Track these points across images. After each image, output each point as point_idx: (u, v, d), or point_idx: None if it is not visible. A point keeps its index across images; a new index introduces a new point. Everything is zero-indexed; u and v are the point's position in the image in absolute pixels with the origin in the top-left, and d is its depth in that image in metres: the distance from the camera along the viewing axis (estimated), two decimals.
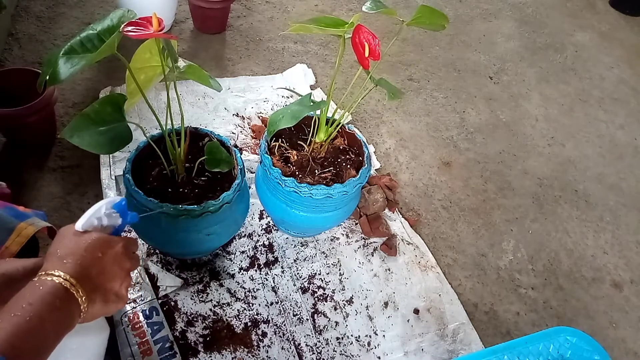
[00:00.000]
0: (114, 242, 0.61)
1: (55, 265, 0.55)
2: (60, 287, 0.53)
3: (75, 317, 0.54)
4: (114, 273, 0.60)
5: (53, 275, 0.53)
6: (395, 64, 2.03)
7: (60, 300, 0.52)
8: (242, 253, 1.28)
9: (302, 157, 1.18)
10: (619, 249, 1.58)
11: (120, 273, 0.61)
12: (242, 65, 1.82)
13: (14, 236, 0.71)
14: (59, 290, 0.53)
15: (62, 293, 0.53)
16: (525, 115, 1.97)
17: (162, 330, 1.09)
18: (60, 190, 1.30)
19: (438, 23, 1.00)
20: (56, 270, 0.54)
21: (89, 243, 0.58)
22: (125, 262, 0.62)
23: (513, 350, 0.96)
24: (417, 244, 1.41)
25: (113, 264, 0.60)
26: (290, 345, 1.15)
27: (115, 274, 0.60)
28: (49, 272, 0.54)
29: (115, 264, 0.60)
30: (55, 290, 0.52)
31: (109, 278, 0.59)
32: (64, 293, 0.53)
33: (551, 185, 1.72)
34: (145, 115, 1.50)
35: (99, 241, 0.59)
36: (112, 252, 0.60)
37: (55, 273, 0.54)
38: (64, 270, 0.54)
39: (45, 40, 1.69)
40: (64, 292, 0.53)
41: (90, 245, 0.58)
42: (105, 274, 0.59)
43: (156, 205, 0.95)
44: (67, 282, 0.53)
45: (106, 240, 0.60)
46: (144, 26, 0.76)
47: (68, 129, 0.80)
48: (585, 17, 2.64)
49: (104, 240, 0.60)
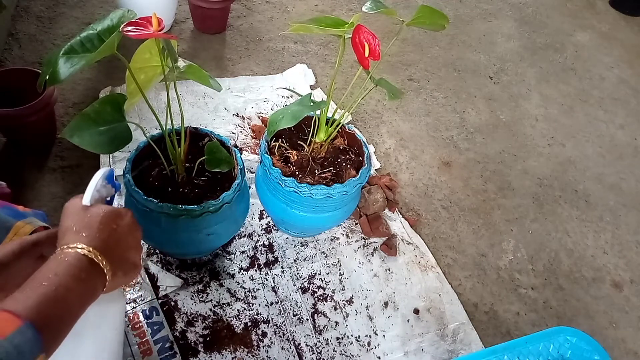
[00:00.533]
0: (124, 212, 0.63)
1: (74, 238, 0.55)
2: (84, 258, 0.54)
3: (99, 287, 0.55)
4: (129, 243, 0.61)
5: (76, 248, 0.54)
6: (395, 64, 2.03)
7: (86, 272, 0.53)
8: (242, 253, 1.28)
9: (302, 157, 1.18)
10: (619, 249, 1.58)
11: (134, 242, 0.62)
12: (242, 65, 1.82)
13: (11, 234, 0.72)
14: (83, 262, 0.53)
15: (87, 264, 0.54)
16: (525, 115, 1.97)
17: (162, 330, 1.09)
18: (60, 190, 1.30)
19: (438, 23, 1.00)
20: (78, 244, 0.54)
21: (102, 216, 0.59)
22: (137, 230, 0.64)
23: (513, 350, 0.96)
24: (417, 244, 1.41)
25: (127, 234, 0.61)
26: (290, 345, 1.15)
27: (130, 243, 0.62)
28: (71, 246, 0.54)
29: (129, 233, 0.62)
30: (80, 262, 0.53)
31: (126, 248, 0.61)
32: (88, 264, 0.54)
33: (551, 185, 1.72)
34: (145, 115, 1.50)
35: (111, 213, 0.60)
36: (124, 223, 0.61)
37: (78, 246, 0.54)
38: (84, 243, 0.55)
39: (45, 40, 1.69)
40: (89, 263, 0.54)
41: (104, 217, 0.59)
42: (122, 244, 0.60)
43: (156, 205, 0.95)
44: (91, 253, 0.54)
45: (117, 212, 0.61)
46: (144, 26, 0.76)
47: (68, 129, 0.80)
48: (585, 17, 2.64)
49: (115, 212, 0.61)
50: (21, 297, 0.48)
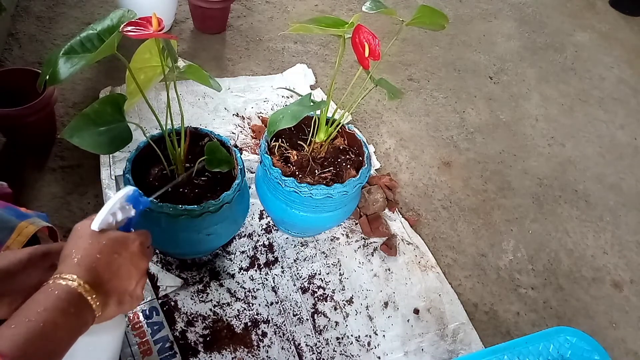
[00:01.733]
0: (130, 240, 0.60)
1: (70, 268, 0.54)
2: (74, 292, 0.52)
3: (88, 321, 0.54)
4: (129, 274, 0.59)
5: (68, 280, 0.53)
6: (395, 64, 2.03)
7: (75, 307, 0.52)
8: (242, 253, 1.28)
9: (302, 157, 1.18)
10: (619, 249, 1.58)
11: (135, 273, 0.60)
12: (242, 65, 1.82)
13: (14, 235, 0.71)
14: (73, 296, 0.52)
15: (76, 299, 0.53)
16: (525, 115, 1.97)
17: (162, 330, 1.09)
18: (60, 190, 1.30)
19: (438, 23, 1.00)
20: (71, 275, 0.53)
21: (104, 244, 0.57)
22: (141, 260, 0.61)
23: (513, 350, 0.96)
24: (417, 244, 1.41)
25: (129, 264, 0.59)
26: (290, 345, 1.15)
27: (131, 274, 0.60)
28: (63, 276, 0.53)
29: (132, 264, 0.60)
30: (69, 295, 0.52)
31: (125, 279, 0.59)
32: (78, 298, 0.53)
33: (551, 185, 1.72)
34: (145, 115, 1.50)
35: (115, 241, 0.59)
36: (128, 252, 0.59)
37: (70, 278, 0.53)
38: (79, 275, 0.54)
39: (45, 40, 1.68)
40: (78, 297, 0.53)
41: (106, 246, 0.57)
42: (120, 275, 0.58)
43: (156, 205, 0.95)
44: (81, 287, 0.53)
45: (122, 240, 0.60)
46: (144, 26, 0.76)
47: (68, 129, 0.80)
48: (585, 17, 2.64)
49: (120, 240, 0.59)
50: (8, 334, 0.47)
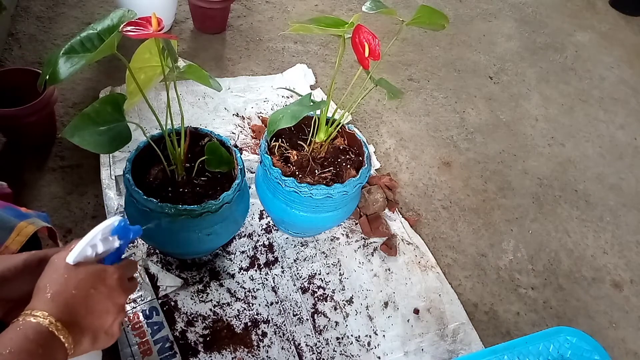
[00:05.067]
0: (109, 275, 0.57)
1: (42, 304, 0.52)
2: (45, 330, 0.50)
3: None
4: (106, 310, 0.56)
5: (39, 318, 0.50)
6: (395, 64, 2.03)
7: (44, 347, 0.49)
8: (242, 253, 1.28)
9: (302, 157, 1.18)
10: (619, 249, 1.58)
11: (112, 309, 0.57)
12: (242, 65, 1.82)
13: (14, 235, 0.71)
14: (43, 335, 0.49)
15: (47, 337, 0.50)
16: (525, 115, 1.97)
17: (162, 330, 1.09)
18: (60, 190, 1.30)
19: (438, 23, 1.00)
20: (43, 312, 0.51)
21: (80, 279, 0.54)
22: (120, 296, 0.58)
23: (513, 350, 0.96)
24: (417, 244, 1.41)
25: (106, 299, 0.56)
26: (290, 345, 1.15)
27: (108, 310, 0.56)
28: (34, 313, 0.50)
29: (109, 299, 0.56)
30: (39, 335, 0.49)
31: (101, 316, 0.55)
32: (48, 337, 0.50)
33: (551, 185, 1.72)
34: (145, 115, 1.50)
35: (92, 276, 0.55)
36: (106, 287, 0.56)
37: (41, 315, 0.50)
38: (51, 312, 0.51)
39: (45, 40, 1.69)
40: (49, 335, 0.50)
41: (81, 281, 0.54)
42: (96, 312, 0.55)
43: (156, 205, 0.95)
44: (52, 325, 0.50)
45: (99, 275, 0.56)
46: (144, 26, 0.76)
47: (69, 129, 0.80)
48: (585, 17, 2.64)
49: (97, 275, 0.56)
50: None
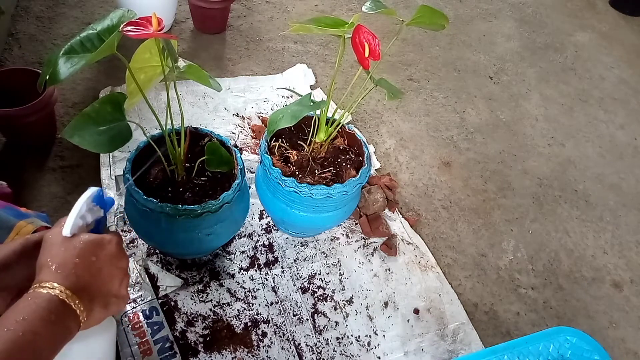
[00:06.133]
0: (106, 241, 0.58)
1: (48, 276, 0.52)
2: (56, 299, 0.51)
3: (73, 329, 0.52)
4: (111, 274, 0.57)
5: (48, 288, 0.51)
6: (395, 64, 2.03)
7: (56, 314, 0.50)
8: (242, 253, 1.28)
9: (302, 157, 1.18)
10: (619, 249, 1.58)
11: (117, 273, 0.58)
12: (242, 65, 1.82)
13: (13, 234, 0.71)
14: (54, 303, 0.50)
15: (58, 306, 0.51)
16: (525, 115, 1.97)
17: (162, 330, 1.09)
18: (60, 190, 1.30)
19: (438, 23, 1.00)
20: (51, 282, 0.52)
21: (80, 248, 0.55)
22: (121, 260, 0.59)
23: (513, 350, 0.96)
24: (417, 244, 1.41)
25: (109, 265, 0.57)
26: (290, 345, 1.15)
27: (113, 274, 0.58)
28: (43, 285, 0.51)
29: (112, 264, 0.58)
30: (50, 303, 0.50)
31: (107, 281, 0.57)
32: (60, 306, 0.51)
33: (551, 185, 1.72)
34: (145, 115, 1.50)
35: (91, 244, 0.56)
36: (105, 253, 0.57)
37: (50, 285, 0.51)
38: (58, 282, 0.52)
39: (45, 40, 1.69)
40: (60, 304, 0.51)
41: (82, 250, 0.55)
42: (102, 277, 0.56)
43: (156, 205, 0.95)
44: (63, 293, 0.51)
45: (98, 242, 0.57)
46: (144, 26, 0.76)
47: (69, 128, 0.80)
48: (585, 17, 2.64)
49: (95, 242, 0.57)
50: None
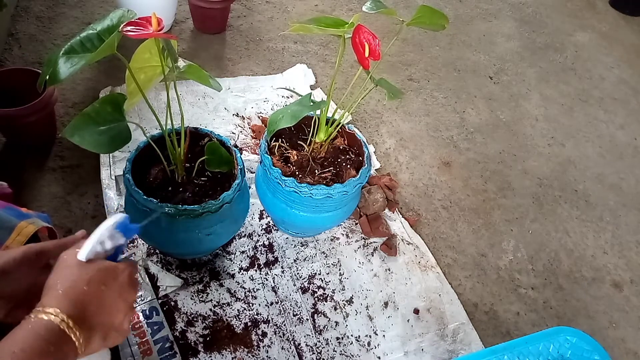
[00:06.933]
0: (119, 271, 0.57)
1: (53, 301, 0.51)
2: (56, 328, 0.50)
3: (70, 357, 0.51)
4: (117, 307, 0.56)
5: (50, 315, 0.50)
6: (395, 64, 2.03)
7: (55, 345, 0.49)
8: (242, 253, 1.28)
9: (302, 157, 1.18)
10: (619, 249, 1.58)
11: (123, 306, 0.57)
12: (242, 65, 1.82)
13: (14, 235, 0.71)
14: (54, 333, 0.49)
15: (58, 335, 0.50)
16: (525, 115, 1.97)
17: (162, 330, 1.09)
18: (61, 190, 1.30)
19: (438, 23, 1.00)
20: (54, 309, 0.51)
21: (91, 276, 0.54)
22: (130, 293, 0.58)
23: (513, 350, 0.96)
24: (417, 244, 1.41)
25: (117, 297, 0.56)
26: (290, 345, 1.15)
27: (119, 308, 0.56)
28: (46, 310, 0.50)
29: (119, 296, 0.56)
30: (50, 333, 0.49)
31: (112, 313, 0.55)
32: (60, 336, 0.50)
33: (551, 185, 1.72)
34: (145, 115, 1.50)
35: (103, 273, 0.55)
36: (117, 284, 0.56)
37: (53, 312, 0.50)
38: (62, 308, 0.51)
39: (45, 40, 1.69)
40: (61, 334, 0.50)
41: (93, 278, 0.54)
42: (107, 309, 0.55)
43: (156, 205, 0.95)
44: (64, 322, 0.50)
45: (111, 272, 0.56)
46: (144, 26, 0.76)
47: (69, 128, 0.80)
48: (585, 17, 2.64)
49: (108, 272, 0.56)
50: None
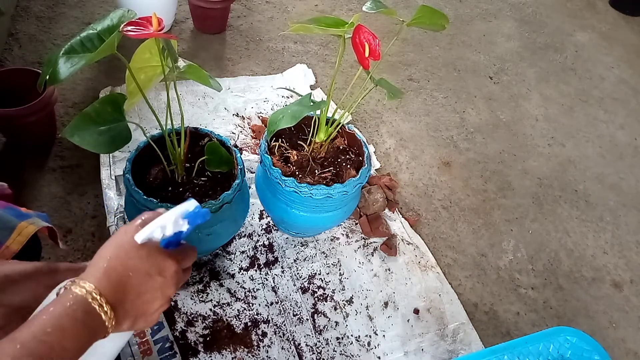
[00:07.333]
0: (168, 266, 0.55)
1: (95, 276, 0.51)
2: (93, 311, 0.49)
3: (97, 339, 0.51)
4: (153, 298, 0.54)
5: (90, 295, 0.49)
6: (395, 64, 2.03)
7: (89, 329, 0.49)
8: (242, 253, 1.28)
9: (302, 157, 1.18)
10: (619, 249, 1.58)
11: (160, 299, 0.55)
12: (242, 65, 1.82)
13: (14, 235, 0.71)
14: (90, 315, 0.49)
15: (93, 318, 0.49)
16: (525, 115, 1.97)
17: (162, 330, 1.09)
18: (61, 190, 1.30)
19: (438, 23, 1.00)
20: (96, 289, 0.50)
21: (141, 263, 0.53)
22: (170, 288, 0.56)
23: (513, 350, 0.96)
24: (417, 244, 1.41)
25: (157, 288, 0.54)
26: (290, 345, 1.15)
27: (155, 299, 0.55)
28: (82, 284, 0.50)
29: (160, 289, 0.55)
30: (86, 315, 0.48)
31: (147, 303, 0.54)
32: (93, 315, 0.49)
33: (551, 185, 1.72)
34: (145, 115, 1.50)
35: (152, 263, 0.54)
36: (160, 278, 0.54)
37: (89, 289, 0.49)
38: (100, 287, 0.50)
39: (45, 40, 1.69)
40: (96, 317, 0.49)
41: (140, 267, 0.53)
42: (144, 298, 0.53)
43: (156, 205, 0.95)
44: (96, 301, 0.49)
45: (160, 264, 0.54)
46: (144, 26, 0.76)
47: (69, 128, 0.80)
48: (585, 17, 2.64)
49: (157, 263, 0.54)
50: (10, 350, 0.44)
